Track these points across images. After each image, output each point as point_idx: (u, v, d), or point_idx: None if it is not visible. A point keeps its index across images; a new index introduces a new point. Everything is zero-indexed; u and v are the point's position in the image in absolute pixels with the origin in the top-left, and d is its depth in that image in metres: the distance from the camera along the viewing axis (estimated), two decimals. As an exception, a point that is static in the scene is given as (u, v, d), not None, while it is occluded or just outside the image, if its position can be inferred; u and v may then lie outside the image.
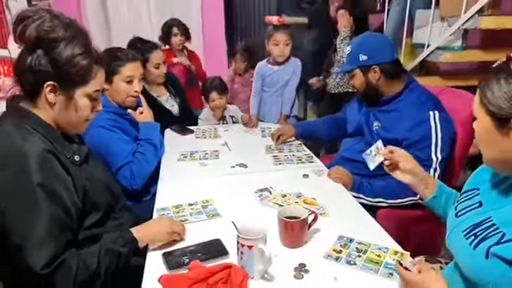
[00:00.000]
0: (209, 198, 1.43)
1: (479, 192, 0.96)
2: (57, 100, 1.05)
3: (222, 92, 2.47)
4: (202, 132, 2.34)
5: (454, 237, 0.93)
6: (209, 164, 1.82)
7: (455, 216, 0.97)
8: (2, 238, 0.96)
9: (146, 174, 1.70)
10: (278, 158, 1.86)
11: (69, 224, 1.01)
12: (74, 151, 1.10)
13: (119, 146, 1.67)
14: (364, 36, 1.76)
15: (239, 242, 0.99)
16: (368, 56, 1.64)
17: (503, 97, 0.78)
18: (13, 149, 0.98)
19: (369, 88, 1.69)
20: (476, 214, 0.91)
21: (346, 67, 1.75)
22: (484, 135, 0.86)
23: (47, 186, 0.97)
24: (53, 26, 1.01)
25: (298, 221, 1.10)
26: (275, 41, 2.46)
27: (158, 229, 1.13)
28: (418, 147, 1.53)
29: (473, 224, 0.88)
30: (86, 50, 1.05)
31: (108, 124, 1.67)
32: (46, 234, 0.95)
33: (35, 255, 0.93)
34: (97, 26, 3.95)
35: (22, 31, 0.99)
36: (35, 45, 1.00)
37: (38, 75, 1.01)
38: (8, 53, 2.63)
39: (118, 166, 1.63)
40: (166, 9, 4.09)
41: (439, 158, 1.52)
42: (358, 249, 1.09)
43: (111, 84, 1.74)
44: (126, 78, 1.75)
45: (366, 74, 1.67)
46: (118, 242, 1.06)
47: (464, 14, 2.39)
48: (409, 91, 1.65)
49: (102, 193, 1.16)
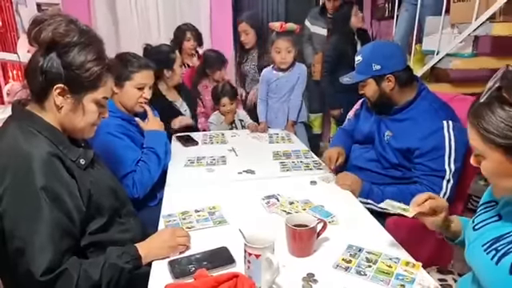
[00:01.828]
0: (215, 205, 1.41)
1: (497, 205, 0.93)
2: (65, 103, 1.05)
3: (232, 97, 2.58)
4: (209, 137, 2.33)
5: (474, 251, 0.91)
6: (216, 170, 1.81)
7: (473, 229, 0.95)
8: (2, 240, 0.95)
9: (147, 183, 1.68)
10: (286, 165, 1.84)
11: (71, 229, 1.00)
12: (80, 155, 1.09)
13: (125, 154, 1.66)
14: (374, 44, 1.74)
15: (246, 251, 0.96)
16: (381, 65, 1.59)
17: (508, 126, 0.75)
18: (17, 151, 0.97)
19: (382, 97, 1.65)
20: (495, 227, 0.88)
21: (358, 77, 1.67)
22: (497, 170, 0.82)
23: (50, 190, 0.96)
24: (68, 30, 1.01)
25: (307, 229, 1.07)
26: (277, 48, 2.45)
27: (162, 244, 1.11)
28: (430, 157, 1.50)
29: (493, 238, 0.85)
30: (98, 56, 1.06)
31: (116, 130, 1.67)
32: (47, 238, 0.93)
33: (36, 261, 0.92)
34: (106, 33, 3.98)
35: (38, 33, 1.00)
36: (49, 47, 1.01)
37: (48, 77, 1.01)
38: (17, 57, 2.65)
39: (121, 174, 1.62)
40: (175, 16, 4.11)
41: (452, 169, 1.48)
42: (368, 259, 1.06)
43: (122, 88, 1.74)
44: (138, 84, 1.76)
45: (379, 84, 1.63)
46: (123, 257, 1.04)
47: (475, 21, 2.36)
48: (421, 99, 1.61)
49: (106, 197, 1.15)
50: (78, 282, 0.95)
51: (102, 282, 0.99)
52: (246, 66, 3.01)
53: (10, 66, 3.22)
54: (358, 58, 1.68)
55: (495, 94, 0.78)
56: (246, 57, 3.01)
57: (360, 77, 1.66)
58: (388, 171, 1.66)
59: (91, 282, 0.97)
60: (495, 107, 0.77)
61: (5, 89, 3.03)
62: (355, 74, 1.69)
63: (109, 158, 1.53)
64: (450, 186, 1.49)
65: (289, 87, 2.57)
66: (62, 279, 0.94)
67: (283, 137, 2.36)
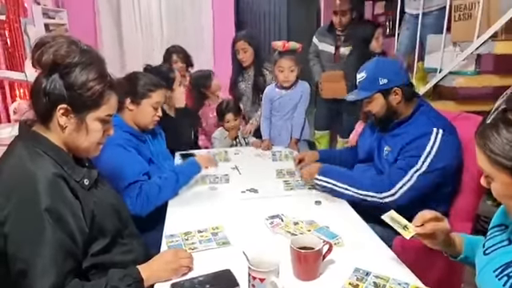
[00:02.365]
0: (219, 225, 1.39)
1: (507, 229, 0.91)
2: (68, 123, 1.05)
3: (236, 113, 2.67)
4: (212, 155, 2.32)
5: (485, 277, 0.89)
6: (219, 188, 1.80)
7: (483, 254, 0.93)
8: (5, 261, 0.94)
9: (152, 200, 1.59)
10: (289, 184, 1.83)
11: (74, 251, 0.99)
12: (84, 175, 1.09)
13: (131, 165, 1.63)
14: (378, 60, 1.75)
15: (250, 274, 0.95)
16: (388, 79, 1.61)
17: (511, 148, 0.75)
18: (23, 171, 0.98)
19: (389, 111, 1.65)
20: (506, 252, 0.87)
21: (365, 93, 1.66)
22: (506, 191, 0.81)
23: (54, 211, 0.95)
24: (69, 51, 1.02)
25: (312, 252, 1.05)
26: (280, 67, 2.46)
27: (164, 266, 1.09)
28: (409, 154, 1.54)
29: (504, 263, 0.84)
30: (100, 75, 1.07)
31: (124, 142, 1.66)
32: (50, 261, 0.93)
33: (38, 283, 0.91)
34: (111, 49, 4.05)
35: (40, 56, 1.01)
36: (51, 69, 1.02)
37: (51, 98, 1.02)
38: (25, 76, 2.68)
39: (125, 184, 1.57)
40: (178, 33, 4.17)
41: (420, 169, 1.50)
42: (375, 283, 1.03)
43: (138, 106, 1.77)
44: (155, 103, 1.80)
45: (386, 98, 1.63)
46: (125, 280, 1.02)
47: (477, 39, 2.37)
48: (419, 114, 1.63)
49: (109, 218, 1.14)
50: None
51: None
52: (242, 84, 3.00)
53: (17, 84, 3.25)
54: (361, 74, 1.68)
55: (501, 116, 0.78)
56: (242, 76, 3.01)
57: (366, 93, 1.66)
58: None
59: None
60: (501, 129, 0.77)
61: (11, 107, 3.06)
62: (359, 91, 1.69)
63: (115, 169, 1.53)
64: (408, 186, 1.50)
65: (292, 105, 2.57)
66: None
67: (287, 154, 2.35)
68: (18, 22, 3.31)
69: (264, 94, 2.66)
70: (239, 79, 3.01)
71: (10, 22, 3.21)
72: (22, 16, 3.39)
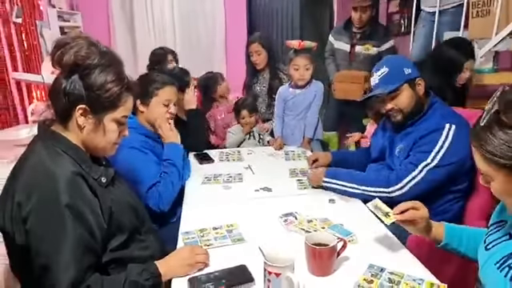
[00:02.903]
0: (233, 223, 1.40)
1: (507, 224, 0.94)
2: (87, 123, 1.08)
3: (251, 111, 2.75)
4: (225, 155, 2.34)
5: (487, 270, 0.91)
6: (232, 187, 1.81)
7: (485, 249, 0.95)
8: (27, 256, 0.97)
9: (171, 195, 1.68)
10: (303, 183, 1.83)
11: (94, 247, 1.02)
12: (101, 173, 1.12)
13: (149, 167, 1.68)
14: (391, 55, 1.74)
15: (266, 269, 0.96)
16: (411, 69, 1.58)
17: (510, 148, 0.78)
18: (43, 170, 1.00)
19: (416, 104, 1.61)
20: (506, 245, 0.89)
21: (391, 86, 1.58)
22: (504, 189, 0.84)
23: (74, 208, 0.98)
24: (89, 52, 1.05)
25: (327, 248, 1.06)
26: (295, 65, 2.46)
27: (181, 262, 1.11)
28: (420, 150, 1.53)
29: (505, 255, 0.87)
30: (118, 77, 1.10)
31: (139, 145, 1.69)
32: (71, 256, 0.95)
33: (60, 278, 0.93)
34: (125, 53, 4.11)
35: (60, 57, 1.04)
36: (71, 70, 1.04)
37: (71, 98, 1.04)
38: (41, 79, 2.75)
39: (147, 186, 1.63)
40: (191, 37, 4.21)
41: (431, 163, 1.48)
42: (390, 279, 1.04)
43: (148, 106, 1.78)
44: (164, 101, 1.80)
45: (413, 88, 1.59)
46: (143, 274, 1.05)
47: (495, 36, 2.33)
48: (432, 111, 1.61)
49: (127, 214, 1.16)
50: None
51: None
52: (257, 86, 3.02)
53: (34, 86, 3.33)
54: (381, 70, 1.62)
55: (494, 118, 0.80)
56: (256, 78, 3.02)
57: (393, 86, 1.59)
58: None
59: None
60: (495, 131, 0.79)
61: (29, 108, 3.13)
62: (382, 86, 1.61)
63: (133, 171, 1.56)
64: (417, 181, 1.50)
65: (305, 104, 2.57)
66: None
67: (299, 154, 2.35)
68: (34, 25, 3.39)
69: (277, 94, 2.67)
70: (253, 81, 3.03)
71: (27, 25, 3.28)
72: (38, 19, 3.47)
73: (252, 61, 2.92)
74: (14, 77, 2.97)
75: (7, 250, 1.07)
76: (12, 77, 2.97)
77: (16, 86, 3.06)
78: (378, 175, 1.62)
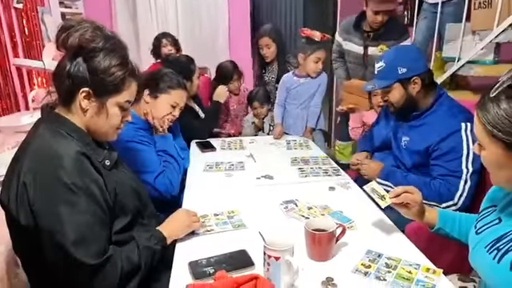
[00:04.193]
0: (234, 209, 1.42)
1: (496, 209, 0.96)
2: (90, 106, 1.09)
3: (263, 102, 2.79)
4: (227, 143, 2.36)
5: (477, 253, 0.94)
6: (234, 175, 1.83)
7: (475, 233, 0.98)
8: (32, 237, 0.98)
9: (177, 181, 1.73)
10: (304, 171, 1.85)
11: (105, 220, 1.05)
12: (105, 156, 1.13)
13: (152, 157, 1.70)
14: (397, 48, 1.73)
15: (266, 253, 0.97)
16: (407, 68, 1.58)
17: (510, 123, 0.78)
18: (47, 152, 1.00)
19: (407, 101, 1.62)
20: (496, 229, 0.92)
21: (383, 83, 1.63)
22: (494, 160, 0.86)
23: (81, 186, 0.98)
24: (94, 36, 1.05)
25: (326, 233, 1.08)
26: (317, 58, 2.45)
27: (180, 224, 1.24)
28: (448, 158, 1.51)
29: (494, 239, 0.89)
30: (122, 61, 1.10)
31: (137, 138, 1.70)
32: (87, 231, 0.98)
33: (77, 254, 0.94)
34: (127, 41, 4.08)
35: (66, 39, 1.04)
36: (76, 52, 1.05)
37: (75, 81, 1.05)
38: (42, 65, 2.74)
39: (155, 174, 1.65)
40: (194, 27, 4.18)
41: (470, 169, 1.48)
42: (387, 264, 1.06)
43: (156, 99, 1.77)
44: (173, 102, 1.80)
45: (406, 87, 1.60)
46: (152, 240, 1.14)
47: (497, 28, 2.33)
48: (439, 104, 1.61)
49: (130, 197, 1.18)
50: (122, 264, 1.03)
51: (141, 264, 1.07)
52: (266, 76, 3.04)
53: (35, 73, 3.32)
54: (379, 64, 1.65)
55: (505, 90, 0.80)
56: (265, 69, 3.04)
57: (385, 82, 1.63)
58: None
59: (133, 265, 1.05)
60: (502, 103, 0.79)
61: (30, 95, 3.13)
62: (377, 80, 1.67)
63: (136, 163, 1.57)
64: (468, 187, 1.49)
65: (309, 94, 2.57)
66: (109, 264, 1.00)
67: (301, 143, 2.37)
68: (35, 10, 3.36)
69: (281, 81, 2.66)
70: (262, 71, 3.05)
71: (28, 10, 3.25)
72: (39, 5, 3.44)
73: (262, 54, 2.92)
74: (15, 63, 2.96)
75: (10, 231, 1.07)
76: (13, 63, 2.97)
77: (17, 72, 3.05)
78: (432, 191, 1.53)
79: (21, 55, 3.11)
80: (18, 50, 3.07)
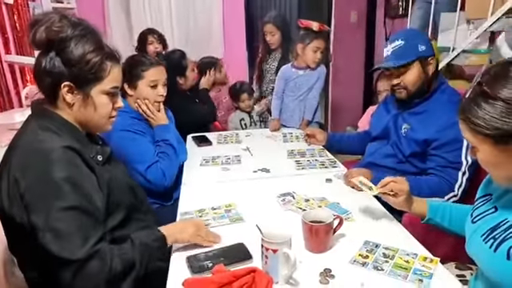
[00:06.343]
0: (231, 203, 1.42)
1: (492, 197, 0.97)
2: (75, 100, 1.06)
3: (251, 93, 2.91)
4: (223, 137, 2.35)
5: (473, 242, 0.94)
6: (231, 169, 1.82)
7: (472, 222, 0.98)
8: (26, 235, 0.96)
9: (172, 171, 1.72)
10: (301, 163, 1.85)
11: (96, 215, 1.00)
12: (97, 151, 1.11)
13: (146, 146, 1.69)
14: (410, 28, 1.70)
15: (264, 246, 0.97)
16: (426, 46, 1.52)
17: (493, 118, 0.80)
18: (37, 147, 0.99)
19: (423, 83, 1.57)
20: (492, 218, 0.92)
21: (402, 61, 1.53)
22: (488, 160, 0.87)
23: (71, 180, 0.96)
24: (61, 26, 1.01)
25: (323, 225, 1.08)
26: (316, 47, 2.42)
27: (183, 228, 1.15)
28: (447, 149, 1.51)
29: (490, 227, 0.90)
30: (96, 46, 1.06)
31: (132, 128, 1.70)
32: (75, 226, 0.94)
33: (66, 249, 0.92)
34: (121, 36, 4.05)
35: (34, 36, 1.01)
36: (47, 47, 1.02)
37: (53, 77, 1.02)
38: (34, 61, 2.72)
39: (147, 164, 1.64)
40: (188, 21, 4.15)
41: (469, 161, 1.48)
42: (385, 254, 1.06)
43: (136, 89, 1.76)
44: (150, 82, 1.76)
45: (424, 67, 1.55)
46: (150, 237, 1.08)
47: (491, 16, 2.32)
48: (440, 92, 1.60)
49: (125, 193, 1.17)
50: (112, 262, 0.96)
51: (135, 261, 1.01)
52: (267, 65, 3.05)
53: (28, 69, 3.28)
54: (396, 43, 1.56)
55: (477, 89, 0.83)
56: (268, 56, 3.06)
57: (404, 60, 1.53)
58: (403, 166, 1.66)
59: (126, 263, 0.99)
60: (480, 101, 0.82)
61: (23, 92, 3.10)
62: (394, 59, 1.56)
63: (128, 153, 1.57)
64: (466, 178, 1.50)
65: (307, 86, 2.54)
66: (95, 260, 0.94)
67: (297, 136, 2.36)
68: (27, 6, 3.31)
69: (279, 72, 2.63)
70: (265, 59, 3.09)
71: (19, 6, 3.20)
72: (31, 0, 3.40)
73: (266, 41, 2.97)
74: (7, 59, 2.93)
75: (4, 229, 1.06)
76: (5, 60, 2.93)
77: (9, 69, 3.02)
78: (432, 188, 1.52)
79: (12, 51, 3.07)
80: (9, 46, 3.03)
